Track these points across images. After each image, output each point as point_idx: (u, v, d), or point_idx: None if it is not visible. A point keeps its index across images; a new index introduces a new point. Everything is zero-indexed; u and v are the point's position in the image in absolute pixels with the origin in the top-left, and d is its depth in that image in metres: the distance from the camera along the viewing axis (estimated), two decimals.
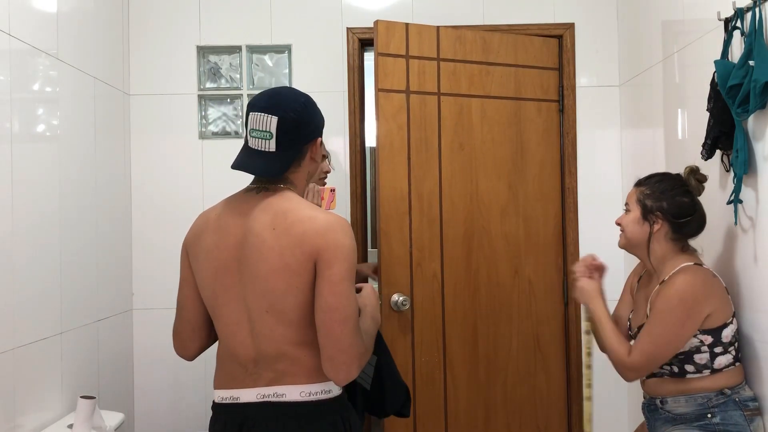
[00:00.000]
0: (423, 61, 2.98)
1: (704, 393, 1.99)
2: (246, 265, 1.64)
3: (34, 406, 2.27)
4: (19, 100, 2.22)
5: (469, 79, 3.07)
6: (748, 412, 1.97)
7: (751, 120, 2.01)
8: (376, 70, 2.87)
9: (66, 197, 2.53)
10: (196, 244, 1.74)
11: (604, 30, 3.24)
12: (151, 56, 3.22)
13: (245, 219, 1.67)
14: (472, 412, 3.08)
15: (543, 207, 3.20)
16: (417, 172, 2.96)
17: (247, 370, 1.69)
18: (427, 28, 3.00)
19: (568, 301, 3.21)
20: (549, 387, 3.20)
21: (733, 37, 2.06)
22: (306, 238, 1.59)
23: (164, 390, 3.18)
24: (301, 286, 1.60)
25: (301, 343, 1.64)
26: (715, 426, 1.96)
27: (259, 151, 1.67)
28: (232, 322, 1.69)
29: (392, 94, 2.92)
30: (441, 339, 3.00)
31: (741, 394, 1.99)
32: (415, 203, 2.95)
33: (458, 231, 3.04)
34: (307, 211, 1.64)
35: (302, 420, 1.64)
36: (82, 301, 2.66)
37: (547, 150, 3.21)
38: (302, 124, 1.69)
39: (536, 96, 3.19)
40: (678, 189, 2.08)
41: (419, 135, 2.97)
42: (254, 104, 1.71)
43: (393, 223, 2.90)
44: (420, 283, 2.95)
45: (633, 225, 2.12)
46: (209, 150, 3.23)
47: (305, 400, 1.64)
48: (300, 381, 1.65)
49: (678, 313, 1.96)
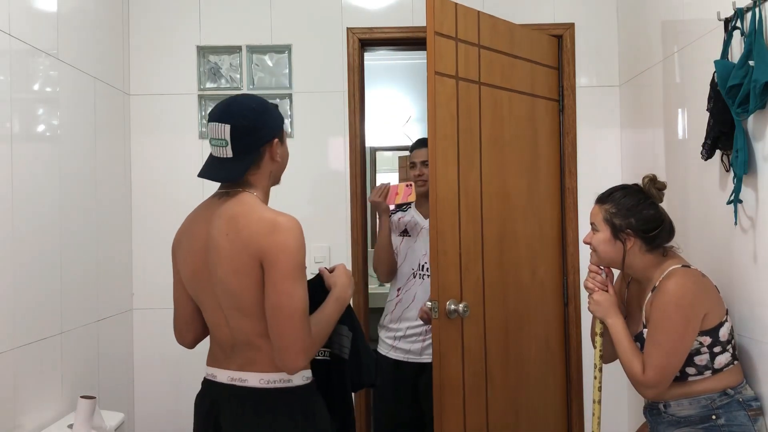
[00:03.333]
0: (468, 46, 2.78)
1: (707, 394, 1.98)
2: (211, 269, 1.79)
3: (34, 406, 2.27)
4: (19, 100, 2.22)
5: (501, 71, 2.93)
6: (752, 412, 1.97)
7: (751, 120, 2.01)
8: (430, 51, 2.61)
9: (66, 197, 2.53)
10: (178, 247, 1.92)
11: (604, 30, 3.24)
12: (151, 56, 3.23)
13: (207, 225, 1.82)
14: (506, 421, 2.92)
15: (551, 207, 3.18)
16: (464, 167, 2.74)
17: (225, 353, 1.86)
18: (470, 12, 2.79)
19: (567, 301, 3.21)
20: (555, 388, 3.19)
21: (733, 37, 2.06)
22: (251, 241, 1.71)
23: (164, 390, 3.18)
24: (254, 285, 1.72)
25: (263, 335, 1.75)
26: (721, 428, 1.95)
27: (219, 158, 1.81)
28: (212, 314, 1.86)
29: (445, 79, 2.69)
30: (482, 347, 2.81)
31: (744, 394, 1.99)
32: (463, 200, 2.74)
33: (494, 231, 2.87)
34: (257, 214, 1.75)
35: (260, 406, 1.78)
36: (82, 301, 2.66)
37: (550, 149, 3.21)
38: (254, 129, 1.79)
39: (544, 94, 3.17)
40: (643, 202, 2.06)
41: (466, 125, 2.76)
42: (211, 114, 1.82)
43: (447, 222, 2.66)
44: (468, 289, 2.74)
45: (605, 245, 2.08)
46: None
47: (263, 387, 1.78)
48: (261, 369, 1.78)
49: (677, 320, 1.93)
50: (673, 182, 2.57)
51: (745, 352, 2.09)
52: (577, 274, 3.18)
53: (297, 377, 1.79)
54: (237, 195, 1.80)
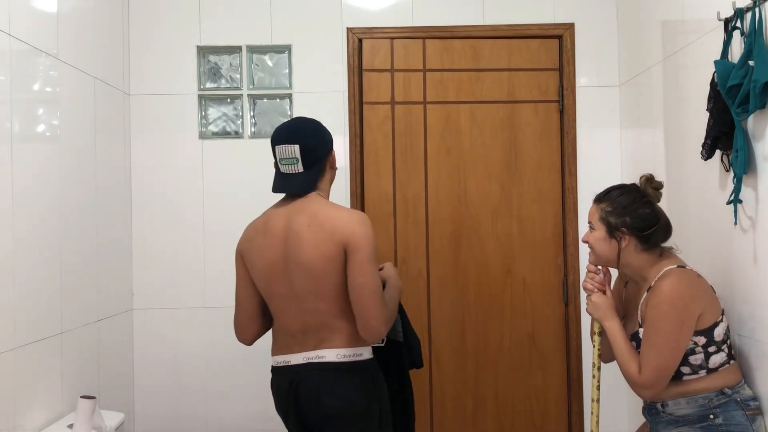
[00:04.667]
0: (408, 73, 3.24)
1: (704, 394, 1.99)
2: (291, 257, 2.06)
3: (34, 406, 2.27)
4: (19, 100, 2.22)
5: (458, 87, 3.25)
6: (750, 411, 1.97)
7: (751, 120, 2.01)
8: (361, 86, 3.19)
9: (66, 197, 2.53)
10: (249, 247, 2.17)
11: (604, 30, 3.24)
12: (151, 56, 3.22)
13: (286, 222, 2.10)
14: (459, 404, 3.23)
15: (540, 207, 3.25)
16: (402, 177, 3.22)
17: (296, 339, 2.12)
18: (413, 42, 3.23)
19: (568, 301, 3.21)
20: (547, 386, 3.23)
21: (732, 37, 2.06)
22: (336, 231, 2.02)
23: (164, 390, 3.18)
24: (336, 269, 2.03)
25: (338, 315, 2.07)
26: (718, 427, 1.96)
27: (291, 174, 2.12)
28: (282, 302, 2.12)
29: (377, 106, 3.22)
30: (426, 333, 3.21)
31: (742, 394, 1.99)
32: (400, 205, 3.22)
33: (445, 231, 3.23)
34: (333, 211, 2.09)
35: (339, 374, 2.06)
36: (82, 301, 2.66)
37: (545, 150, 3.25)
38: (318, 145, 2.13)
39: (533, 98, 3.25)
40: (638, 201, 2.08)
41: (405, 142, 3.23)
42: (277, 138, 2.13)
43: (379, 224, 3.12)
44: (405, 280, 3.01)
45: (600, 243, 2.12)
46: (209, 150, 3.23)
47: (340, 360, 2.07)
48: (337, 345, 2.07)
49: (672, 319, 1.94)
50: (673, 182, 2.57)
51: (745, 352, 2.09)
52: (577, 274, 3.19)
53: (366, 352, 2.10)
54: (309, 197, 2.13)
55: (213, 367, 3.17)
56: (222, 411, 3.17)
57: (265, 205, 2.21)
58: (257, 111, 3.26)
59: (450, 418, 3.23)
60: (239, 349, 2.33)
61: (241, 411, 3.15)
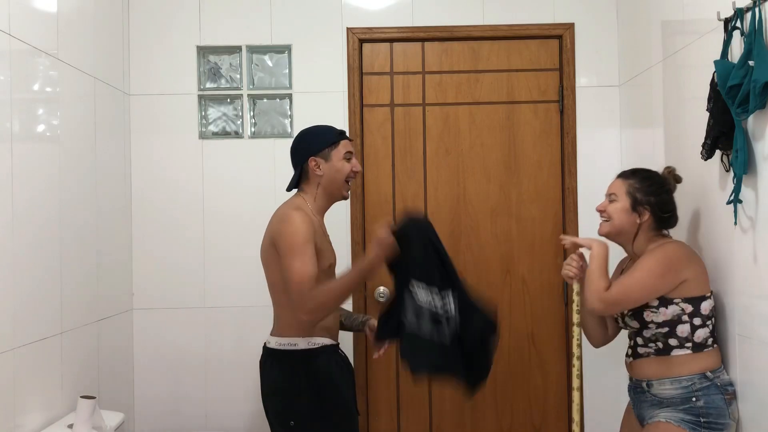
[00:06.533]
0: (407, 75, 3.27)
1: (688, 376, 2.10)
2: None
3: (34, 406, 2.27)
4: (19, 100, 2.22)
5: (457, 88, 3.27)
6: (728, 395, 2.11)
7: (751, 120, 2.01)
8: (361, 86, 3.23)
9: (66, 197, 2.53)
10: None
11: (604, 30, 3.24)
12: (151, 56, 3.22)
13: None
14: (459, 404, 3.21)
15: (539, 207, 3.26)
16: (401, 178, 3.26)
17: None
18: (412, 45, 3.26)
19: (567, 301, 3.22)
20: (546, 386, 3.24)
21: (732, 37, 2.07)
22: (268, 228, 2.32)
23: (164, 390, 3.18)
24: (270, 263, 2.30)
25: (278, 305, 2.33)
26: (699, 409, 2.09)
27: None
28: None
29: (376, 109, 3.26)
30: None
31: (722, 379, 2.13)
32: (400, 206, 3.24)
33: (444, 231, 3.11)
34: (278, 209, 2.34)
35: (275, 361, 2.30)
36: (82, 301, 2.66)
37: (545, 150, 3.25)
38: (295, 151, 2.42)
39: (532, 98, 3.26)
40: (663, 187, 2.27)
41: (404, 144, 3.26)
42: None
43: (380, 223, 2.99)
44: None
45: (621, 213, 2.25)
46: (209, 150, 3.23)
47: (276, 348, 2.30)
48: (276, 333, 2.33)
49: (660, 265, 2.13)
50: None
51: (745, 352, 2.10)
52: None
53: (301, 341, 2.26)
54: (291, 194, 2.41)
55: (213, 367, 3.17)
56: (222, 411, 3.17)
57: (265, 205, 2.22)
58: (257, 111, 3.26)
59: (449, 418, 3.23)
60: (239, 349, 2.34)
61: (241, 411, 3.15)
